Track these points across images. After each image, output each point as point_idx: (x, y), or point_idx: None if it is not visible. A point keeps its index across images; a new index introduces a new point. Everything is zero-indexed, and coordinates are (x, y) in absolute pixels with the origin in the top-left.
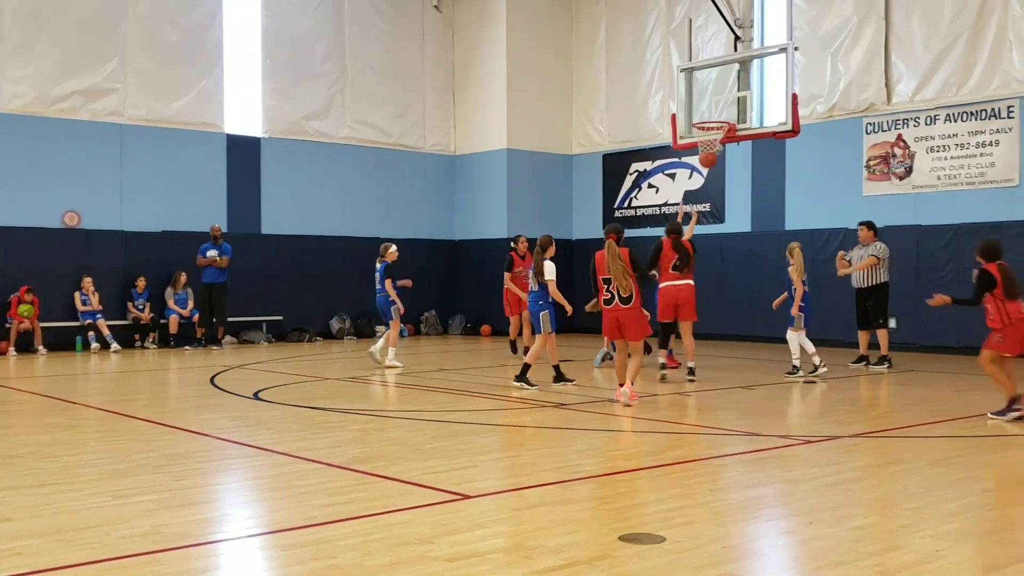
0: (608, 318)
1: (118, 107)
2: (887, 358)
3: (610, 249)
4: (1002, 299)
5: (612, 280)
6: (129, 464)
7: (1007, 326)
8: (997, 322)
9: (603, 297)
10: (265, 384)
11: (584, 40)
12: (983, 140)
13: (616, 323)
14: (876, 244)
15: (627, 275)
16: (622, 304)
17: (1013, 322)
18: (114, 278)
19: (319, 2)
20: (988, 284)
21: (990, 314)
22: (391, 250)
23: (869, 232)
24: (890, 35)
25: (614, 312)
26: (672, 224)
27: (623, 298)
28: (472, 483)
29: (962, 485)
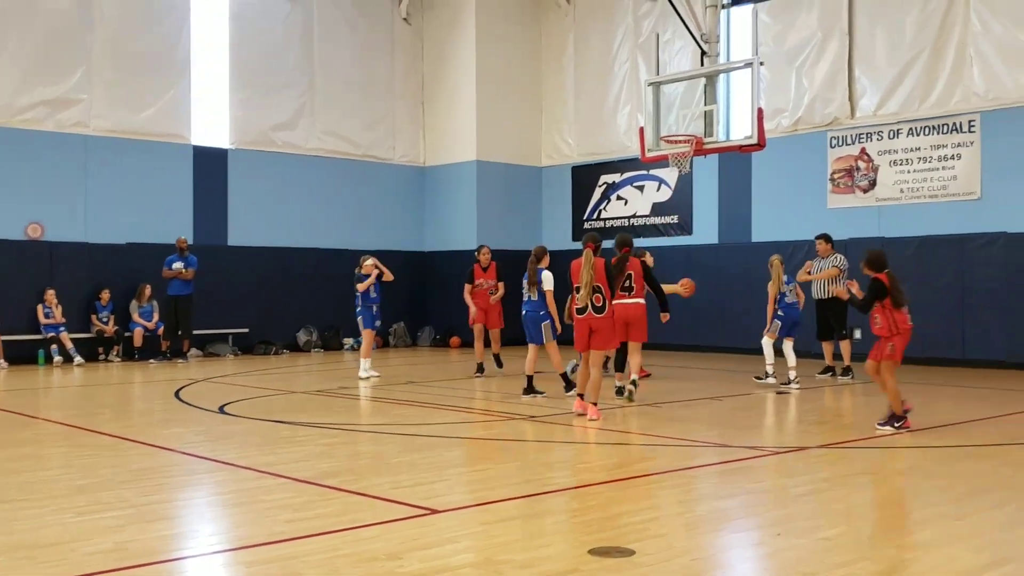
0: (580, 327)
1: (83, 118)
2: (849, 369)
3: (586, 258)
4: (890, 308)
5: (581, 288)
6: (93, 480)
7: (895, 335)
8: (885, 331)
9: (576, 306)
10: (231, 398)
11: (553, 53)
12: (945, 154)
13: (588, 331)
14: (836, 256)
15: (595, 284)
16: (595, 313)
17: (900, 331)
18: (78, 290)
19: (288, 12)
20: (879, 293)
21: (877, 323)
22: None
23: (827, 245)
24: (853, 50)
25: (587, 320)
26: (621, 237)
27: (596, 307)
28: (441, 497)
29: (928, 495)
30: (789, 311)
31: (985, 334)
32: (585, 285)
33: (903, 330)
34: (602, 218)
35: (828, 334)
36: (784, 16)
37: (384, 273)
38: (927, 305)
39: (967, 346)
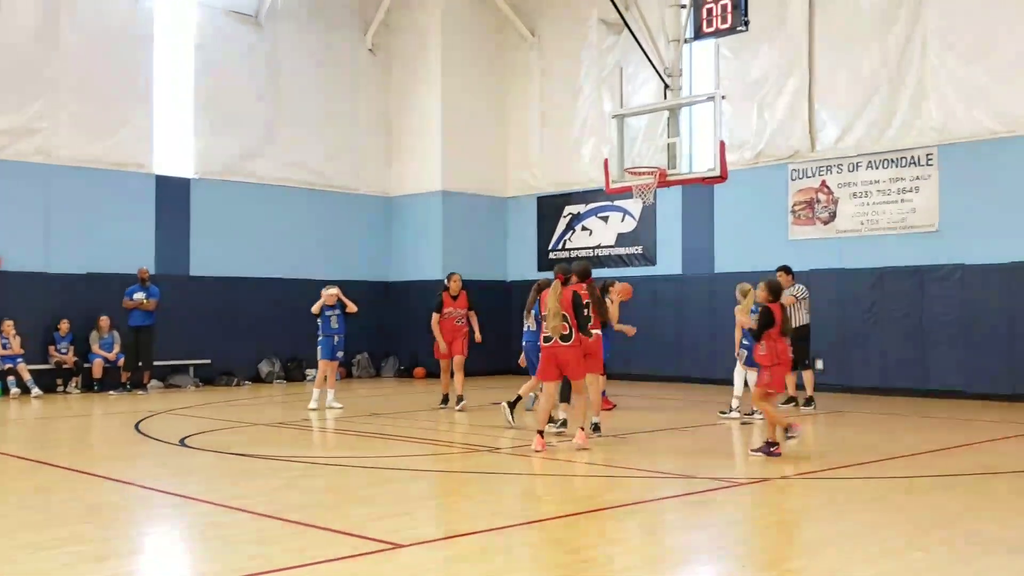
0: (546, 355)
1: (45, 147)
2: (811, 399)
3: (554, 288)
4: (776, 338)
5: (549, 318)
6: (51, 514)
7: (775, 364)
8: (767, 359)
9: (543, 335)
10: (192, 430)
11: (518, 84)
12: (904, 187)
13: (555, 360)
14: (794, 285)
15: (560, 315)
16: (562, 342)
17: (781, 361)
18: (36, 321)
19: (253, 43)
20: (770, 322)
21: (761, 350)
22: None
23: (788, 277)
24: (814, 85)
25: (554, 349)
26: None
27: (563, 335)
28: (405, 531)
29: (891, 527)
30: None
31: (944, 364)
32: (553, 315)
33: (783, 360)
34: (567, 248)
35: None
36: (745, 51)
37: (347, 305)
38: (887, 336)
39: (927, 376)
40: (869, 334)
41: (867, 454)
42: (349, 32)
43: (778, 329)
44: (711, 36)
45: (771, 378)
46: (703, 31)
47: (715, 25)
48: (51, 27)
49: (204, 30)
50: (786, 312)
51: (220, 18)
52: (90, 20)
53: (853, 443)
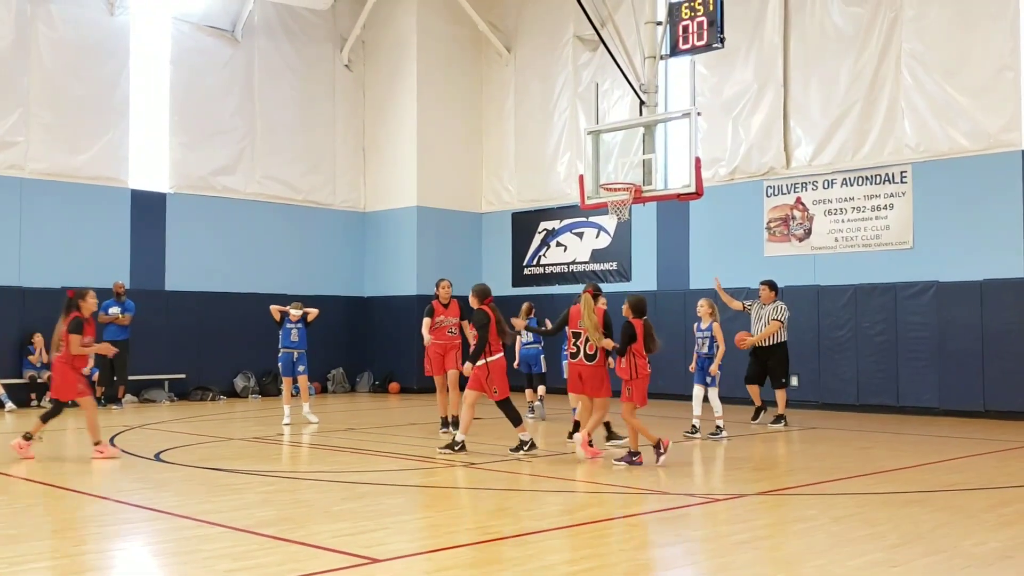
0: (571, 371)
1: (19, 160)
2: (783, 417)
3: (586, 304)
4: (637, 354)
5: (581, 335)
6: (24, 529)
7: (634, 379)
8: (625, 373)
9: (569, 351)
10: (167, 444)
11: (494, 101)
12: (878, 204)
13: (578, 377)
14: (778, 305)
15: (597, 331)
16: (586, 360)
17: (639, 376)
18: (9, 335)
19: (229, 57)
20: (632, 338)
21: (621, 364)
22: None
23: (771, 293)
24: (788, 102)
25: (577, 366)
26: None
27: (588, 355)
28: (382, 546)
29: (865, 542)
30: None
31: (918, 381)
32: (592, 331)
33: (642, 375)
34: (541, 264)
35: (760, 379)
36: (721, 68)
37: (308, 313)
38: (861, 353)
39: (900, 393)
40: (843, 351)
41: (841, 470)
42: (325, 48)
43: (640, 344)
44: (687, 53)
45: (632, 392)
46: (679, 48)
47: (691, 42)
48: (26, 41)
49: (180, 45)
50: (650, 329)
51: (196, 33)
52: (66, 34)
53: (827, 459)
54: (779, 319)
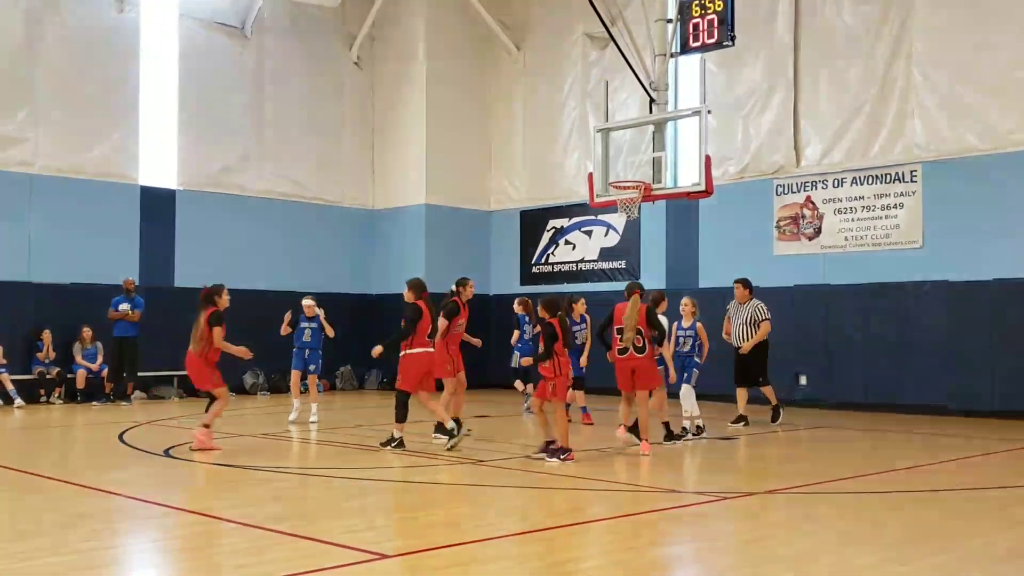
0: (622, 367)
1: (28, 157)
2: (778, 409)
3: (633, 303)
4: (559, 352)
5: (625, 331)
6: (35, 525)
7: (557, 376)
8: (549, 372)
9: (618, 347)
10: (176, 441)
11: (503, 99)
12: (888, 203)
13: (630, 372)
14: (757, 304)
15: (638, 328)
16: (637, 353)
17: (562, 373)
18: (19, 331)
19: (238, 55)
20: (554, 337)
21: (545, 363)
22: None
23: (745, 291)
24: (798, 101)
25: (628, 362)
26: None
27: (637, 348)
28: (391, 542)
29: (875, 540)
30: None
31: (927, 381)
32: (629, 328)
33: (565, 373)
34: (550, 262)
35: (746, 380)
36: (731, 66)
37: (325, 328)
38: (870, 352)
39: (910, 392)
40: (853, 350)
41: (850, 469)
42: (334, 45)
43: (560, 343)
44: (697, 51)
45: (554, 389)
46: (689, 46)
47: (701, 40)
48: (36, 38)
49: (189, 41)
50: (567, 325)
51: (205, 30)
52: (75, 31)
53: (836, 458)
54: (768, 318)
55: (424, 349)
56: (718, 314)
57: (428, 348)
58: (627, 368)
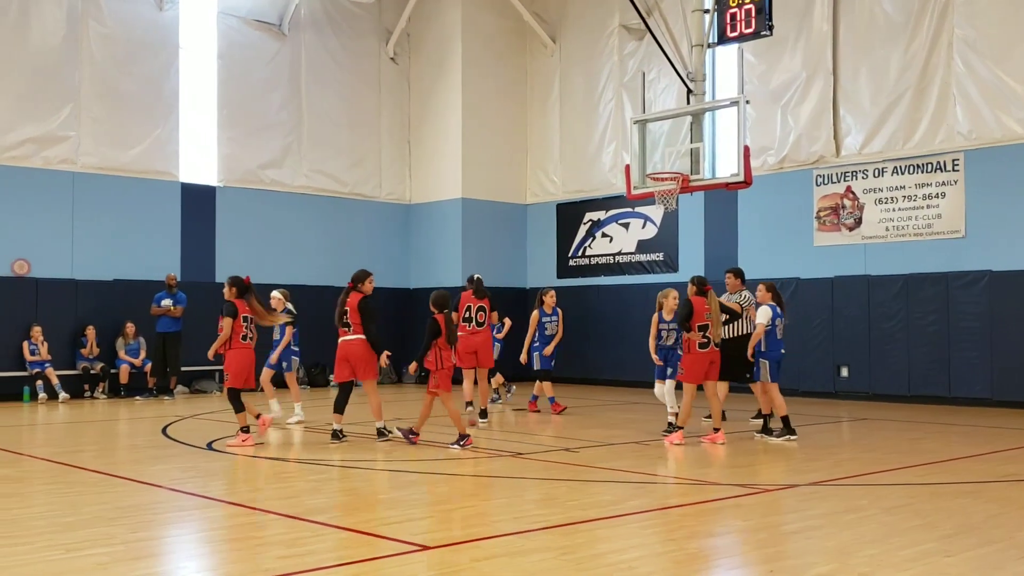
0: (704, 360)
1: (71, 155)
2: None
3: (711, 297)
4: (442, 346)
5: (709, 326)
6: (81, 516)
7: (440, 370)
8: (432, 365)
9: (699, 341)
10: (218, 434)
11: (538, 92)
12: (930, 192)
13: (708, 364)
14: (743, 293)
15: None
16: (716, 347)
17: (445, 367)
18: (64, 327)
19: (276, 52)
20: (436, 332)
21: (429, 358)
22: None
23: (736, 280)
24: (838, 90)
25: (709, 354)
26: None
27: (716, 342)
28: (430, 533)
29: (917, 532)
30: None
31: (970, 372)
32: (716, 323)
33: (447, 366)
34: (587, 255)
35: (728, 375)
36: (769, 56)
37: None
38: (912, 343)
39: (952, 384)
40: (894, 341)
41: (892, 461)
42: (371, 41)
43: (444, 338)
44: (735, 41)
45: (438, 381)
46: (727, 35)
47: (739, 30)
48: (77, 37)
49: (228, 39)
50: (451, 322)
51: (243, 27)
52: (116, 30)
53: (878, 450)
54: (738, 302)
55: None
56: None
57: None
58: (706, 361)
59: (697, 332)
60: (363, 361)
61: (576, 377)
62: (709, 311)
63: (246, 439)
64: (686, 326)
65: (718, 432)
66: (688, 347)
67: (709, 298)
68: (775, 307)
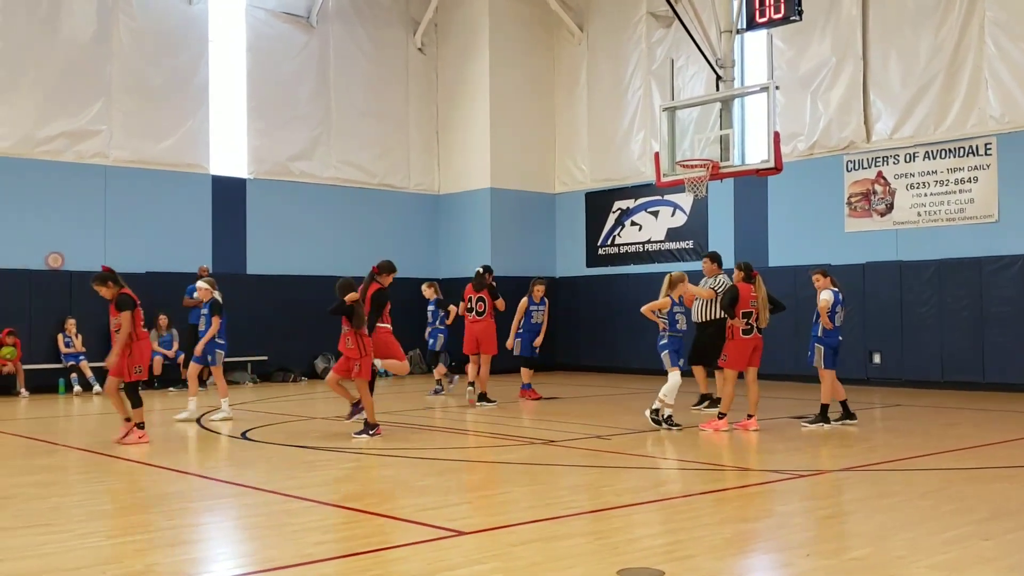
0: (748, 347)
1: (103, 148)
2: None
3: (759, 284)
4: (362, 334)
5: (754, 312)
6: (119, 504)
7: (363, 356)
8: (355, 353)
9: (743, 328)
10: (252, 424)
11: (566, 80)
12: (962, 177)
13: (752, 350)
14: (718, 278)
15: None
16: (759, 333)
17: (367, 353)
18: (97, 320)
19: (304, 44)
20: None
21: (349, 344)
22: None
23: (713, 264)
24: (868, 75)
25: (753, 340)
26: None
27: (761, 329)
28: (465, 519)
29: (954, 516)
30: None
31: (1004, 357)
32: (763, 308)
33: (368, 352)
34: (616, 244)
35: (702, 359)
36: (798, 41)
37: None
38: (945, 329)
39: (986, 370)
40: (927, 327)
41: (926, 447)
42: (398, 31)
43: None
44: (764, 26)
45: (361, 369)
46: (756, 21)
47: (768, 15)
48: (107, 31)
49: (256, 31)
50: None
51: (272, 19)
52: (145, 23)
53: (912, 436)
54: (714, 288)
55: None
56: (785, 294)
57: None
58: (750, 347)
59: (741, 319)
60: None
61: (606, 366)
62: (755, 298)
63: (142, 436)
64: (731, 312)
65: (751, 418)
66: (731, 333)
67: (757, 284)
68: (837, 292)
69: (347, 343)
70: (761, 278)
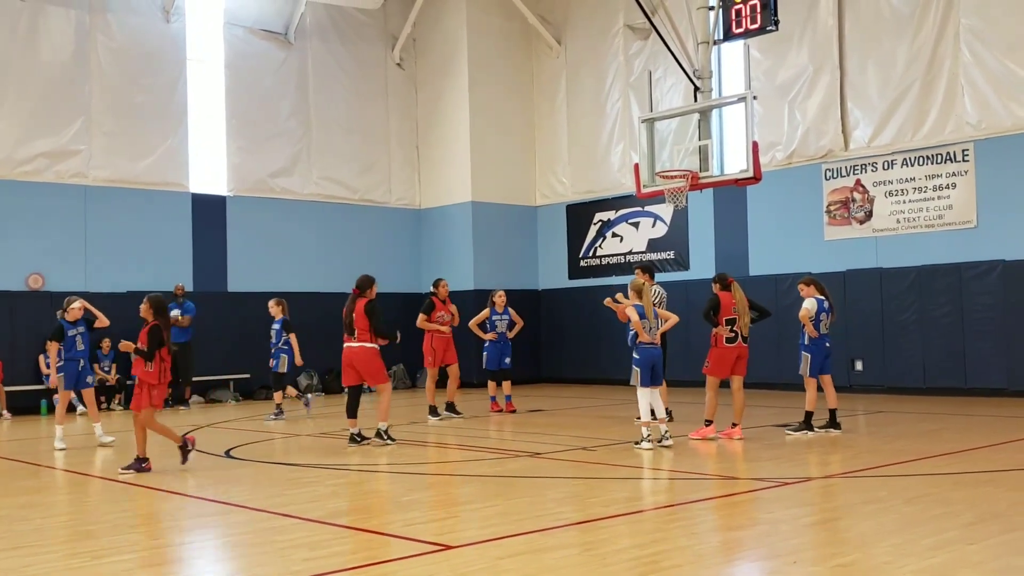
0: (731, 355)
1: (82, 168)
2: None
3: (736, 290)
4: (164, 356)
5: (736, 320)
6: (103, 524)
7: (160, 384)
8: (154, 378)
9: (727, 336)
10: (236, 442)
11: (545, 94)
12: (940, 183)
13: (735, 359)
14: (657, 291)
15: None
16: (744, 343)
17: (165, 381)
18: None
19: (282, 61)
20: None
21: (148, 368)
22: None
23: (645, 276)
24: (845, 83)
25: (736, 349)
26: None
27: (744, 337)
28: (453, 533)
29: (939, 521)
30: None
31: (985, 362)
32: (744, 313)
33: (166, 380)
34: (598, 256)
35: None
36: (775, 51)
37: (98, 317)
38: (926, 335)
39: (968, 375)
40: (908, 334)
41: (910, 452)
42: (377, 47)
43: (165, 349)
44: (740, 37)
45: (155, 397)
46: (732, 32)
47: (744, 26)
48: (86, 51)
49: (235, 49)
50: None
51: (250, 37)
52: (123, 43)
53: (895, 442)
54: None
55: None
56: (766, 303)
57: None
58: (733, 355)
59: (725, 326)
60: (370, 367)
61: (590, 377)
62: (736, 304)
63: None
64: (713, 320)
65: (736, 427)
66: (715, 341)
67: (735, 291)
68: (821, 300)
69: (147, 367)
70: (738, 284)
